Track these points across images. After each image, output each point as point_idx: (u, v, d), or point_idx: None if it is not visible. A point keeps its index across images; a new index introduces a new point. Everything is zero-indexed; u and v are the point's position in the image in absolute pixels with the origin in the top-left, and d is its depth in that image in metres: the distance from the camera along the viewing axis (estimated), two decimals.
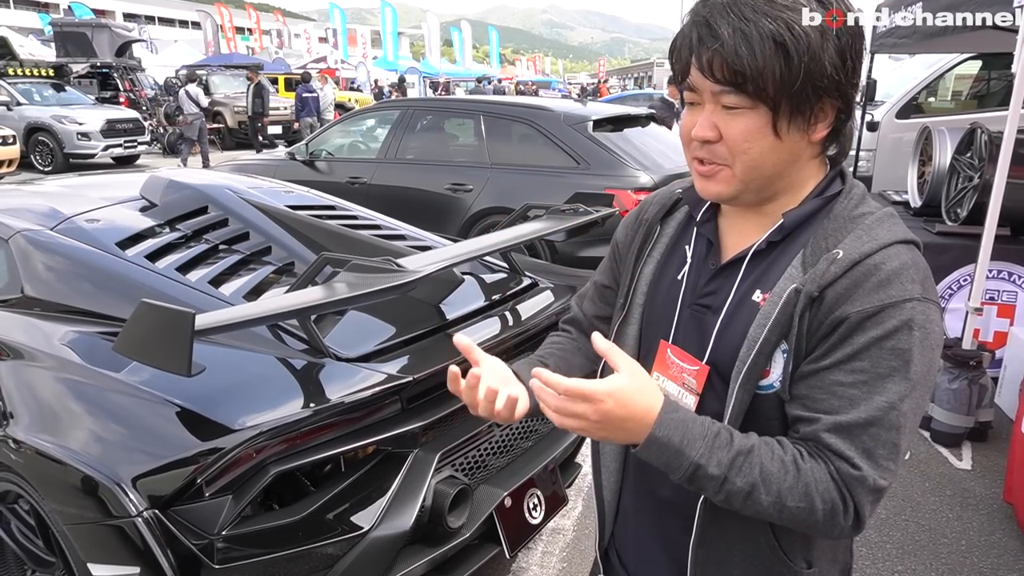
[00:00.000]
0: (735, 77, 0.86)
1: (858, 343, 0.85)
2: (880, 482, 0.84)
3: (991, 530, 2.86)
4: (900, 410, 0.84)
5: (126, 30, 19.49)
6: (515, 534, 2.03)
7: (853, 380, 0.85)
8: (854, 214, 0.92)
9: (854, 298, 0.85)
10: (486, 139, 5.43)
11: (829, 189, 0.95)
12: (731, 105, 0.88)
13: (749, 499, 0.86)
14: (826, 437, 0.86)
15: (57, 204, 2.50)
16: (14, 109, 13.27)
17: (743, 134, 0.89)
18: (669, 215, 1.11)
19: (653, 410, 0.85)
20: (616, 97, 21.46)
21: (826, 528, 0.86)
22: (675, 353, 1.00)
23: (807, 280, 0.88)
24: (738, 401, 0.92)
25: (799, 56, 0.85)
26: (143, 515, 1.54)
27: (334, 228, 2.58)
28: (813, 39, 0.85)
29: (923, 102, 7.48)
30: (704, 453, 0.85)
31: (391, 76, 30.71)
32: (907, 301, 0.85)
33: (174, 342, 1.42)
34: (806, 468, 0.85)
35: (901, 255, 0.88)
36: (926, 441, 3.57)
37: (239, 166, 6.65)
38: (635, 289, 1.09)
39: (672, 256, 1.07)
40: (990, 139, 3.94)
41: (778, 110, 0.87)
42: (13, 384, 1.90)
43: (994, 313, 4.04)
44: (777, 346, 0.90)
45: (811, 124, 0.90)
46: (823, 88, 0.87)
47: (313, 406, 1.69)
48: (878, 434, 0.84)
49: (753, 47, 0.84)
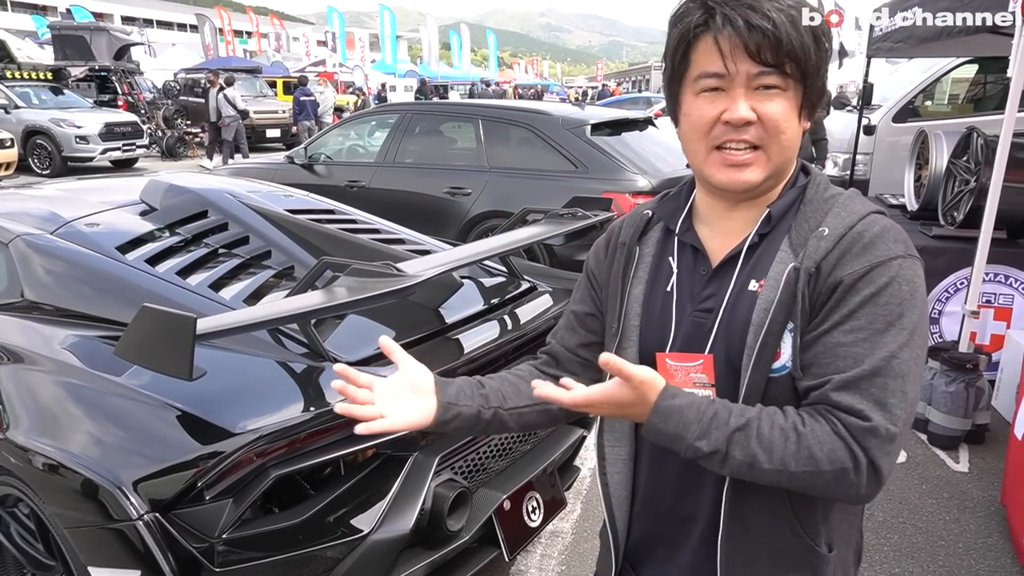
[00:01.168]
0: (782, 58, 0.91)
1: (853, 302, 0.90)
2: (892, 429, 0.87)
3: (988, 532, 2.87)
4: (902, 358, 0.88)
5: (124, 33, 19.52)
6: (514, 537, 2.03)
7: (853, 339, 0.90)
8: (825, 196, 0.99)
9: (844, 263, 0.92)
10: (484, 143, 5.44)
11: (799, 180, 1.02)
12: (771, 85, 0.92)
13: (752, 469, 0.89)
14: (835, 396, 0.89)
15: (57, 208, 2.50)
16: (12, 112, 13.26)
17: (782, 114, 0.93)
18: (644, 235, 1.12)
19: (649, 400, 0.91)
20: (614, 100, 21.50)
21: (839, 489, 0.89)
22: (674, 359, 1.01)
23: (803, 258, 0.93)
24: (752, 385, 0.95)
25: (826, 39, 0.94)
26: (144, 518, 1.55)
27: (333, 232, 2.59)
28: (826, 27, 0.95)
29: (920, 106, 7.50)
30: (699, 435, 0.89)
31: (390, 79, 30.73)
32: (893, 259, 0.91)
33: (176, 346, 1.43)
34: (806, 432, 0.88)
35: (879, 221, 0.95)
36: (923, 443, 3.58)
37: (238, 170, 6.66)
38: (627, 312, 1.09)
39: (658, 271, 1.08)
40: (986, 143, 3.95)
41: (807, 91, 0.94)
42: (13, 388, 1.90)
43: (991, 316, 4.05)
44: (784, 326, 0.93)
45: (811, 112, 0.97)
46: (826, 73, 0.95)
47: (313, 409, 1.69)
48: (885, 384, 0.88)
49: (800, 30, 0.91)
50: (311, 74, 21.33)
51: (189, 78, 19.63)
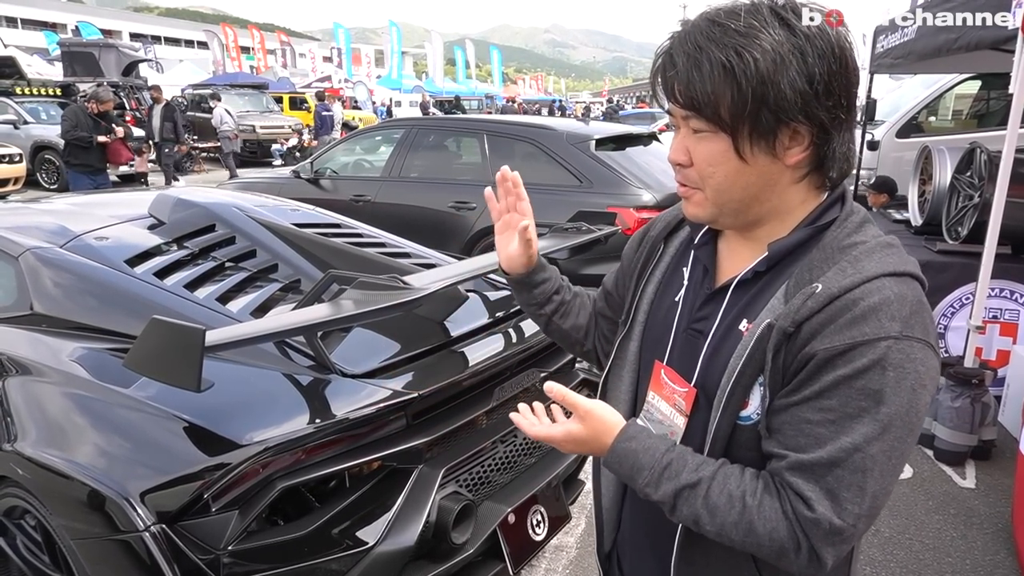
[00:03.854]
0: (691, 103, 0.89)
1: (826, 381, 0.83)
2: (837, 523, 0.82)
3: (995, 549, 2.85)
4: (867, 452, 0.82)
5: (133, 50, 19.75)
6: (518, 551, 2.03)
7: (821, 418, 0.84)
8: (844, 244, 0.89)
9: (824, 334, 0.83)
10: (489, 157, 5.47)
11: (824, 217, 0.93)
12: (697, 128, 0.91)
13: (698, 527, 0.90)
14: (788, 475, 0.86)
15: (66, 222, 2.53)
16: (21, 128, 13.38)
17: (707, 158, 0.91)
18: (674, 233, 1.13)
19: (602, 439, 0.95)
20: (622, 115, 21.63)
21: (778, 563, 0.88)
22: (668, 374, 1.03)
23: (782, 315, 0.87)
24: (719, 429, 0.93)
25: (747, 81, 0.84)
26: (150, 530, 1.55)
27: (340, 246, 2.61)
28: (764, 64, 0.84)
29: (923, 121, 7.54)
30: (650, 483, 0.91)
31: (395, 95, 30.95)
32: (881, 340, 0.82)
33: (184, 358, 1.44)
34: (753, 505, 0.87)
35: (884, 289, 0.84)
36: (929, 459, 3.56)
37: (245, 184, 6.71)
38: (637, 308, 1.12)
39: (672, 277, 1.09)
40: (989, 158, 3.97)
41: (737, 134, 0.87)
42: (22, 399, 1.92)
43: (996, 331, 4.05)
44: (754, 379, 0.90)
45: (781, 148, 0.88)
46: (784, 111, 0.85)
47: (319, 422, 1.70)
48: (842, 476, 0.82)
49: (703, 74, 0.86)
50: (315, 90, 21.52)
51: (196, 94, 19.81)
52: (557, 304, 1.28)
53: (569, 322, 1.28)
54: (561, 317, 1.28)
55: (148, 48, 30.45)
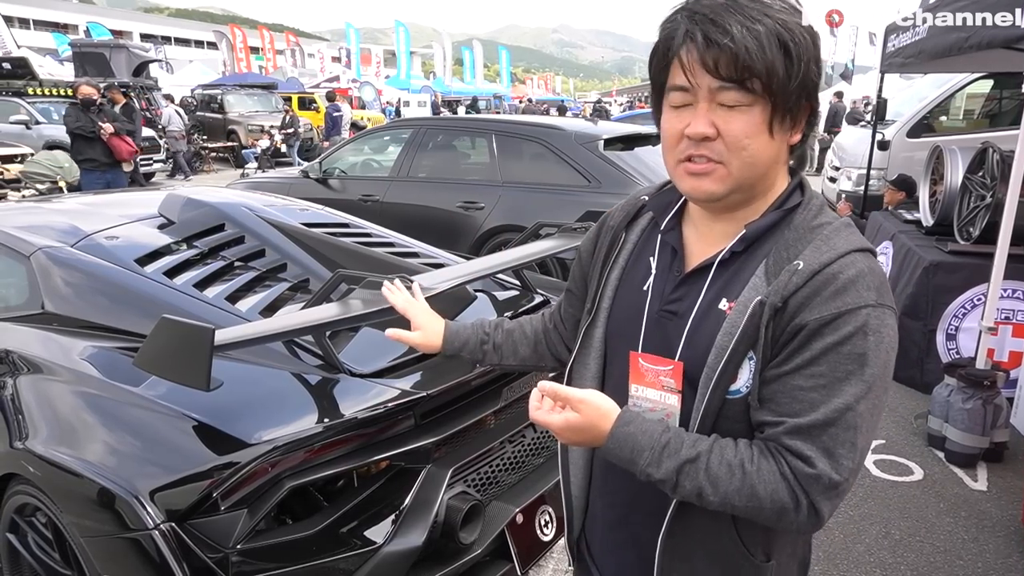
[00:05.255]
0: (743, 73, 0.89)
1: (816, 348, 0.90)
2: (835, 478, 0.88)
3: (1008, 552, 2.82)
4: (856, 411, 0.89)
5: (143, 50, 19.84)
6: (526, 551, 2.02)
7: (812, 384, 0.90)
8: (813, 224, 0.96)
9: (812, 306, 0.90)
10: (498, 157, 5.47)
11: (789, 201, 0.99)
12: (731, 103, 0.91)
13: (700, 499, 0.93)
14: (787, 439, 0.91)
15: (77, 221, 2.54)
16: (33, 128, 13.47)
17: (744, 130, 0.92)
18: (634, 222, 1.16)
19: (599, 425, 0.96)
20: (627, 115, 21.55)
21: (779, 523, 0.93)
22: (647, 359, 1.04)
23: (771, 292, 0.92)
24: (708, 404, 0.96)
25: (799, 56, 0.90)
26: (160, 528, 1.56)
27: (348, 245, 2.62)
28: (808, 41, 0.92)
29: (934, 121, 7.49)
30: (652, 462, 0.94)
31: (404, 95, 30.99)
32: (862, 308, 0.89)
33: (194, 357, 1.45)
34: (752, 470, 0.91)
35: (857, 263, 0.92)
36: (940, 461, 3.54)
37: (254, 184, 6.73)
38: (602, 295, 1.14)
39: (637, 264, 1.12)
40: (1002, 158, 3.94)
41: (776, 107, 0.92)
42: (33, 398, 1.93)
43: (1009, 333, 4.01)
44: (744, 355, 0.94)
45: (796, 126, 0.96)
46: (810, 90, 0.93)
47: (328, 421, 1.70)
48: (836, 434, 0.89)
49: (763, 44, 0.88)
50: (324, 90, 21.59)
51: (206, 94, 19.91)
52: (492, 351, 1.37)
53: (516, 358, 1.38)
54: (504, 358, 1.38)
55: (159, 49, 30.59)
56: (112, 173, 7.88)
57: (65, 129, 7.91)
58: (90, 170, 7.79)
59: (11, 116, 13.48)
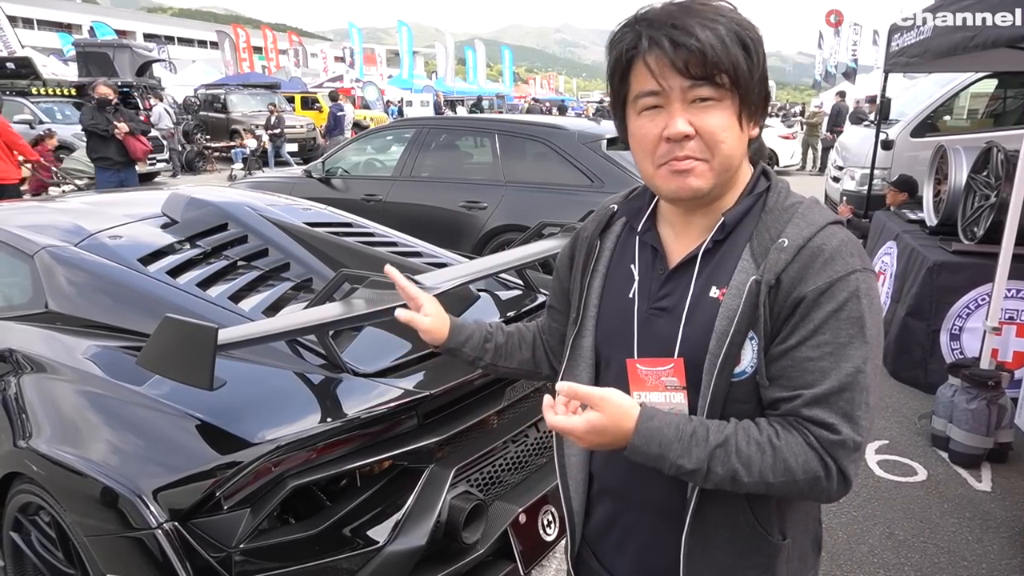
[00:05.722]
0: (712, 70, 0.93)
1: (817, 318, 0.93)
2: (858, 440, 0.92)
3: (1012, 553, 2.81)
4: (865, 371, 0.93)
5: (146, 50, 19.88)
6: (529, 551, 2.02)
7: (820, 353, 0.93)
8: (786, 204, 1.01)
9: (807, 278, 0.94)
10: (500, 157, 5.47)
11: (757, 187, 1.04)
12: (705, 96, 0.95)
13: (734, 483, 0.94)
14: (806, 411, 0.93)
15: (80, 221, 2.54)
16: (36, 128, 13.50)
17: (719, 124, 0.96)
18: (607, 230, 1.17)
19: (622, 424, 0.94)
20: None
21: (812, 494, 0.95)
22: (645, 364, 1.04)
23: (764, 271, 0.95)
24: (715, 390, 0.98)
25: (756, 51, 0.96)
26: (163, 527, 1.56)
27: (351, 245, 2.61)
28: (759, 37, 0.98)
29: (938, 120, 7.46)
30: (682, 453, 0.93)
31: (406, 95, 31.01)
32: (851, 273, 0.94)
33: (197, 356, 1.45)
34: (781, 445, 0.93)
35: (837, 234, 0.97)
36: (944, 462, 3.53)
37: (257, 183, 6.74)
38: (586, 304, 1.15)
39: (618, 271, 1.13)
40: (1006, 158, 3.92)
41: (743, 100, 0.96)
42: (36, 397, 1.93)
43: (1013, 333, 4.00)
44: (746, 336, 0.96)
45: (759, 118, 1.01)
46: (765, 83, 0.98)
47: (330, 421, 1.70)
48: (852, 397, 0.92)
49: (725, 41, 0.93)
50: (327, 90, 21.61)
51: (209, 94, 19.94)
52: (493, 351, 1.35)
53: (514, 361, 1.36)
54: (504, 359, 1.36)
55: (162, 48, 30.67)
56: (126, 172, 7.91)
57: (80, 127, 7.96)
58: (104, 168, 7.82)
59: (15, 116, 13.51)
